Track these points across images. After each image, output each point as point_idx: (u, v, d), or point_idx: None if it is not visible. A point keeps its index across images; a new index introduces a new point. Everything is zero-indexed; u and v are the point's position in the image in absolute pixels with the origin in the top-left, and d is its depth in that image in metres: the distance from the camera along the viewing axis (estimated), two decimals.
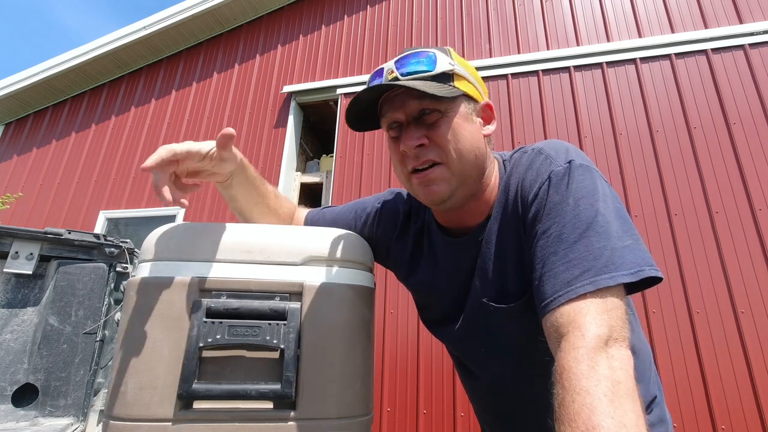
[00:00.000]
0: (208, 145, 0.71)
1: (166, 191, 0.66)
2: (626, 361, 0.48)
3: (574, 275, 0.55)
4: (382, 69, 0.71)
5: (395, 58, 0.72)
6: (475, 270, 0.77)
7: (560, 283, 0.56)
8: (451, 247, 0.80)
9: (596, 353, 0.47)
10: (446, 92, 0.67)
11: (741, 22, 3.06)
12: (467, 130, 0.70)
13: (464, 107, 0.71)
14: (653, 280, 0.56)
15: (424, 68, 0.69)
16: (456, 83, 0.70)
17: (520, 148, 0.79)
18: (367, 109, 0.75)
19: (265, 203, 0.87)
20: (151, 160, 0.64)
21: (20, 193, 4.07)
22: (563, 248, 0.58)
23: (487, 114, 0.76)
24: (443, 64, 0.69)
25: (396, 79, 0.69)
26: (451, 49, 0.75)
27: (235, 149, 0.76)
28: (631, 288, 0.56)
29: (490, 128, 0.76)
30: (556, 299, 0.55)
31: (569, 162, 0.66)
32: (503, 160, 0.78)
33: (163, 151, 0.65)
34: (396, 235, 0.89)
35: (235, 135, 0.70)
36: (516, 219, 0.71)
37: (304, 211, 0.98)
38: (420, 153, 0.69)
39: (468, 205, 0.75)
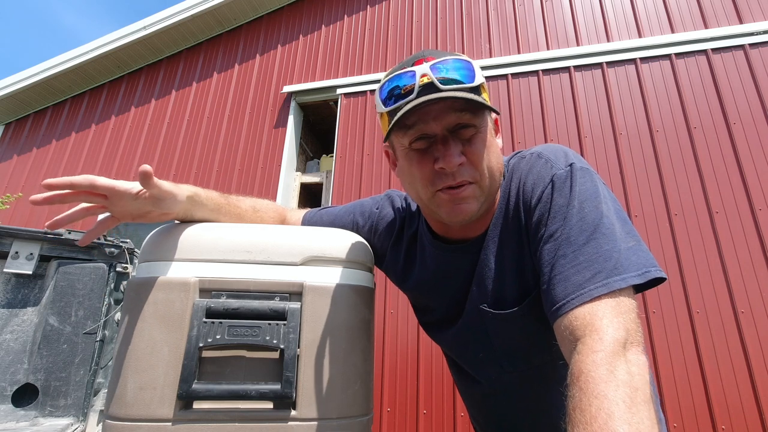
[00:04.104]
0: (137, 185, 0.67)
1: (68, 218, 0.66)
2: (644, 367, 0.48)
3: (585, 278, 0.55)
4: (412, 72, 0.64)
5: (421, 61, 0.65)
6: (473, 276, 0.77)
7: (572, 285, 0.55)
8: (445, 253, 0.79)
9: (615, 358, 0.47)
10: (490, 107, 0.64)
11: (741, 22, 3.06)
12: (494, 147, 0.69)
13: (489, 122, 0.69)
14: (657, 281, 0.56)
15: (463, 78, 0.64)
16: (484, 96, 0.67)
17: (516, 153, 0.78)
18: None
19: (242, 222, 0.84)
20: (58, 180, 0.62)
21: (20, 193, 4.07)
22: (572, 251, 0.58)
23: (495, 128, 0.75)
24: (479, 76, 0.65)
25: (432, 85, 0.62)
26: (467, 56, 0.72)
27: (179, 186, 0.72)
28: (636, 289, 0.56)
29: (499, 142, 0.75)
30: (569, 302, 0.55)
31: (570, 165, 0.66)
32: None
33: (81, 177, 0.63)
34: (392, 243, 0.89)
35: (150, 170, 0.64)
36: (517, 224, 0.71)
37: (300, 212, 0.98)
38: (458, 172, 0.65)
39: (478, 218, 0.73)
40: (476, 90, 0.65)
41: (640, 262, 0.56)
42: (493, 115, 0.72)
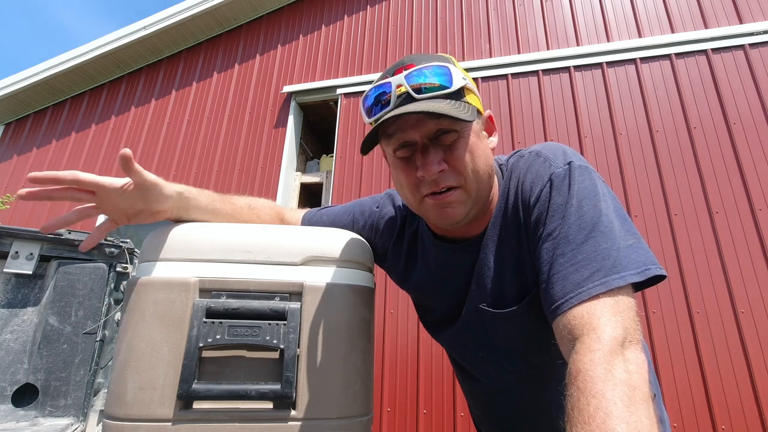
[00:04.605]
0: (122, 180, 0.68)
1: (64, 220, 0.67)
2: (642, 365, 0.48)
3: (584, 276, 0.55)
4: (389, 83, 0.65)
5: (401, 69, 0.66)
6: (473, 275, 0.77)
7: (570, 284, 0.55)
8: (445, 252, 0.79)
9: (613, 356, 0.46)
10: (468, 115, 0.63)
11: (741, 22, 3.06)
12: (481, 149, 0.68)
13: (476, 124, 0.69)
14: (657, 278, 0.56)
15: (440, 84, 0.64)
16: (467, 98, 0.67)
17: (516, 152, 0.78)
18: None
19: (238, 220, 0.84)
20: (43, 174, 0.63)
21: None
22: (570, 249, 0.58)
23: (489, 126, 0.75)
24: (458, 79, 0.65)
25: (408, 95, 0.63)
26: (452, 58, 0.71)
27: (171, 184, 0.73)
28: (636, 286, 0.56)
29: (494, 141, 0.75)
30: (567, 301, 0.54)
31: (569, 163, 0.66)
32: (499, 165, 0.77)
33: (65, 172, 0.64)
34: (393, 242, 0.89)
35: (130, 154, 0.65)
36: (516, 223, 0.71)
37: (300, 212, 0.98)
38: (440, 178, 0.65)
39: (473, 219, 0.73)
40: (456, 94, 0.65)
41: (640, 260, 0.56)
42: (485, 113, 0.73)
